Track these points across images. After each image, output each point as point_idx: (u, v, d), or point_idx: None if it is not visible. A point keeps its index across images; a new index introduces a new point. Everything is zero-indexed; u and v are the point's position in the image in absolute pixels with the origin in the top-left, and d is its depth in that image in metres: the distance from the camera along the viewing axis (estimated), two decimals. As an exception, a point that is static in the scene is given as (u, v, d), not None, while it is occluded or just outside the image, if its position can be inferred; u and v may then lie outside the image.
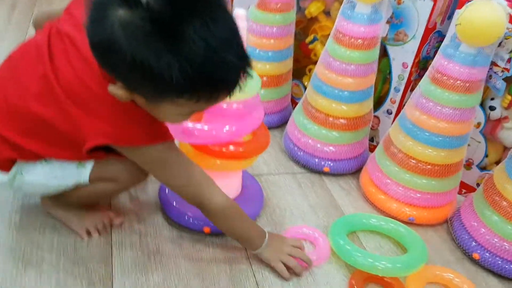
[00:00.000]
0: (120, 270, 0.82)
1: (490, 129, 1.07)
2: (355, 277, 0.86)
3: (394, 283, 0.85)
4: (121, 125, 0.68)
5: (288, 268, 0.84)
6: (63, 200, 0.86)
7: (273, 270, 0.85)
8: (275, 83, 1.27)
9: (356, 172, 1.16)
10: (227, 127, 0.84)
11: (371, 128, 1.21)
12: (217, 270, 0.85)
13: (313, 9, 1.27)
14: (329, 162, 1.14)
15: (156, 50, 0.55)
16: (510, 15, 0.85)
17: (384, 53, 1.17)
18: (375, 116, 1.23)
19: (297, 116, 1.18)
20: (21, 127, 0.73)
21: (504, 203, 0.90)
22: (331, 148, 1.13)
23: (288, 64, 1.29)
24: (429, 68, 0.96)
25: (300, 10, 1.34)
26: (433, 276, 0.89)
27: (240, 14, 0.79)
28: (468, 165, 1.11)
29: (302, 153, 1.15)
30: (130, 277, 0.81)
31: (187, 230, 0.92)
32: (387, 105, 1.20)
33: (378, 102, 1.23)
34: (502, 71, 0.94)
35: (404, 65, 1.13)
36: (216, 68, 0.58)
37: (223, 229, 0.84)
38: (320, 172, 1.15)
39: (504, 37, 0.90)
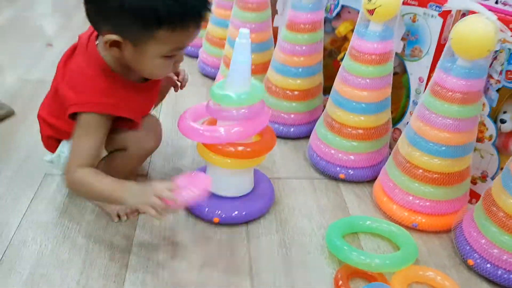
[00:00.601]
0: (137, 245, 0.97)
1: (502, 142, 1.09)
2: (341, 271, 0.92)
3: (378, 278, 0.91)
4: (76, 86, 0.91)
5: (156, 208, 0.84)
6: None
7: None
8: (304, 96, 1.38)
9: (373, 180, 1.22)
10: (235, 129, 0.97)
11: (393, 140, 1.26)
12: (218, 252, 0.97)
13: (342, 29, 1.36)
14: (348, 170, 1.21)
15: None
16: (500, 29, 0.88)
17: (405, 69, 1.23)
18: (397, 129, 1.28)
19: (319, 127, 1.27)
20: (52, 108, 0.98)
21: (501, 214, 0.92)
22: (350, 157, 1.21)
23: (317, 79, 1.39)
24: (430, 81, 1.01)
25: (333, 30, 1.44)
26: (418, 275, 0.93)
27: (244, 33, 0.93)
28: (483, 177, 1.13)
29: (321, 160, 1.24)
30: (145, 251, 0.96)
31: (201, 219, 1.05)
32: (406, 117, 1.25)
33: (401, 115, 1.28)
34: (496, 83, 0.97)
35: (420, 79, 1.18)
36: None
37: (86, 196, 1.01)
38: (337, 179, 1.23)
39: (499, 51, 0.93)
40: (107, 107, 0.91)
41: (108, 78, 0.91)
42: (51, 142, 1.04)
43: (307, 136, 1.39)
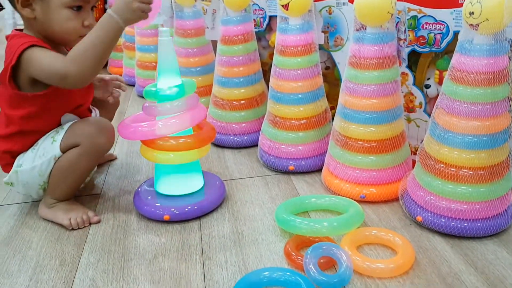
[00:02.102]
0: (88, 251, 0.97)
1: (432, 107, 1.14)
2: (290, 243, 0.93)
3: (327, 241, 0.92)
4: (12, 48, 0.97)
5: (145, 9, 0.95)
6: (52, 202, 1.08)
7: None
8: (251, 104, 1.43)
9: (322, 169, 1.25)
10: (172, 120, 1.01)
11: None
12: (170, 245, 0.97)
13: (274, 39, 1.45)
14: (298, 161, 1.25)
15: None
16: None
17: (334, 62, 1.31)
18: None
19: (265, 127, 1.32)
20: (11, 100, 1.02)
21: (439, 165, 0.95)
22: (298, 148, 1.25)
23: (260, 88, 1.46)
24: (348, 56, 1.08)
25: (268, 43, 1.53)
26: (366, 235, 0.94)
27: (164, 30, 1.00)
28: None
29: (270, 157, 1.28)
30: (95, 255, 0.95)
31: (153, 221, 1.06)
32: (345, 106, 1.30)
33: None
34: (403, 42, 1.04)
35: (347, 65, 1.25)
36: None
37: (94, 63, 0.95)
38: (288, 172, 1.26)
39: (401, 14, 1.01)
40: (42, 44, 0.98)
41: (39, 39, 1.00)
42: (7, 159, 1.07)
43: (259, 143, 1.44)
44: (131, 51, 2.15)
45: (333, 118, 1.29)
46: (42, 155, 1.04)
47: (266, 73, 1.53)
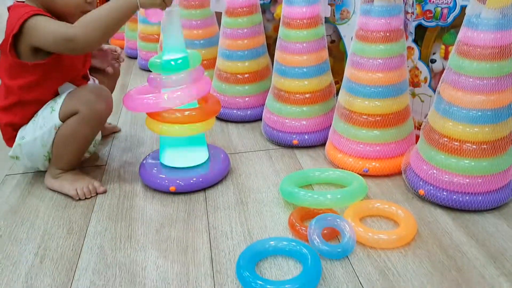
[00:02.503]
0: (96, 220, 0.99)
1: (437, 82, 1.14)
2: (294, 214, 0.94)
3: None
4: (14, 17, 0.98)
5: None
6: (58, 173, 1.09)
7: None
8: (255, 78, 1.43)
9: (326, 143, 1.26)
10: (177, 92, 1.01)
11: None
12: (176, 215, 0.99)
13: (279, 11, 1.46)
14: (302, 135, 1.26)
15: None
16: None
17: (340, 36, 1.30)
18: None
19: (269, 101, 1.32)
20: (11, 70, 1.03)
21: (443, 139, 0.96)
22: (302, 122, 1.25)
23: (264, 61, 1.45)
24: (355, 29, 1.07)
25: (274, 17, 1.52)
26: (369, 207, 0.95)
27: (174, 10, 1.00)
28: (427, 121, 1.17)
29: (275, 131, 1.28)
30: (102, 224, 0.97)
31: (159, 192, 1.08)
32: (350, 80, 1.30)
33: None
34: (411, 15, 1.03)
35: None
36: None
37: (103, 33, 0.96)
38: (292, 147, 1.27)
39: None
40: (45, 14, 0.99)
41: (42, 10, 1.01)
42: (9, 132, 1.08)
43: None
44: (133, 23, 2.13)
45: (337, 93, 1.30)
46: (43, 126, 1.05)
47: (270, 46, 1.52)
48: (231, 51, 1.40)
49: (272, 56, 1.49)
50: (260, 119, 1.44)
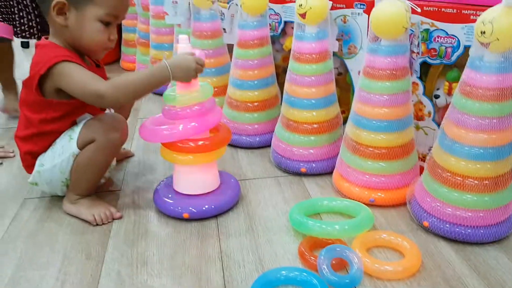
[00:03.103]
0: (113, 246, 1.03)
1: (440, 117, 1.19)
2: (303, 243, 0.99)
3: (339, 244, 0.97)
4: (43, 57, 1.03)
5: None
6: (75, 198, 1.13)
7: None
8: (264, 106, 1.48)
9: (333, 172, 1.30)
10: (192, 124, 1.06)
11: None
12: (189, 242, 1.03)
13: (288, 43, 1.51)
14: (309, 164, 1.30)
15: None
16: (412, 8, 1.01)
17: (347, 69, 1.35)
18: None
19: (278, 129, 1.37)
20: (34, 105, 1.08)
21: (446, 173, 1.00)
22: (310, 151, 1.30)
23: (273, 90, 1.50)
24: (362, 66, 1.13)
25: (282, 47, 1.58)
26: (376, 238, 0.99)
27: (183, 37, 1.05)
28: (431, 153, 1.22)
29: (283, 158, 1.33)
30: (119, 250, 1.01)
31: (172, 218, 1.12)
32: (356, 111, 1.36)
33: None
34: (416, 55, 1.09)
35: (359, 73, 1.29)
36: None
37: (131, 97, 1.05)
38: (300, 174, 1.31)
39: (414, 28, 1.06)
40: (75, 60, 1.04)
41: (69, 50, 1.06)
42: (28, 160, 1.13)
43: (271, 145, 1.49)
44: (144, 47, 2.19)
45: (344, 122, 1.35)
46: (62, 153, 1.10)
47: (279, 75, 1.58)
48: (242, 81, 1.46)
49: (280, 84, 1.54)
50: (268, 146, 1.48)
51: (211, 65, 1.63)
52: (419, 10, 1.02)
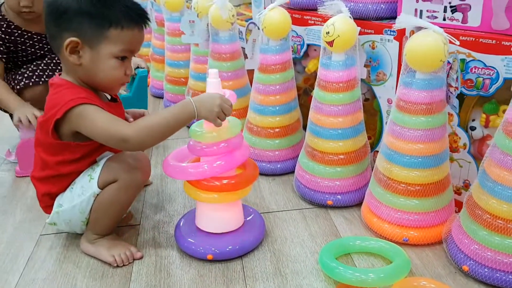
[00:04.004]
0: (134, 291, 0.98)
1: (476, 149, 1.13)
2: (337, 291, 0.94)
3: (374, 293, 0.92)
4: (59, 100, 0.99)
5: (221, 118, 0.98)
6: (94, 238, 1.09)
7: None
8: (285, 133, 1.42)
9: (360, 203, 1.24)
10: (218, 162, 1.01)
11: (374, 162, 1.30)
12: (215, 287, 0.98)
13: (311, 66, 1.45)
14: (335, 196, 1.25)
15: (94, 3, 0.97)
16: (449, 40, 0.95)
17: (374, 95, 1.30)
18: (377, 151, 1.32)
19: (302, 159, 1.31)
20: (51, 148, 1.03)
21: (486, 216, 0.94)
22: (336, 182, 1.24)
23: (295, 115, 1.44)
24: (394, 99, 1.07)
25: (304, 69, 1.52)
26: (413, 286, 0.93)
27: (213, 72, 1.00)
28: (466, 186, 1.16)
29: (308, 190, 1.27)
30: (141, 296, 0.97)
31: (195, 259, 1.07)
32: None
33: (379, 138, 1.33)
34: (455, 90, 1.03)
35: (388, 101, 1.24)
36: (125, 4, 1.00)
37: (157, 139, 1.00)
38: (326, 206, 1.26)
39: (453, 60, 1.00)
40: (93, 101, 0.99)
41: (85, 89, 1.02)
42: (46, 201, 1.08)
43: (293, 171, 1.43)
44: (159, 63, 2.14)
45: (371, 148, 1.29)
46: (81, 194, 1.05)
47: (300, 96, 1.53)
48: (263, 106, 1.41)
49: (301, 106, 1.49)
50: (290, 172, 1.43)
51: (230, 88, 1.57)
52: (457, 43, 0.96)
